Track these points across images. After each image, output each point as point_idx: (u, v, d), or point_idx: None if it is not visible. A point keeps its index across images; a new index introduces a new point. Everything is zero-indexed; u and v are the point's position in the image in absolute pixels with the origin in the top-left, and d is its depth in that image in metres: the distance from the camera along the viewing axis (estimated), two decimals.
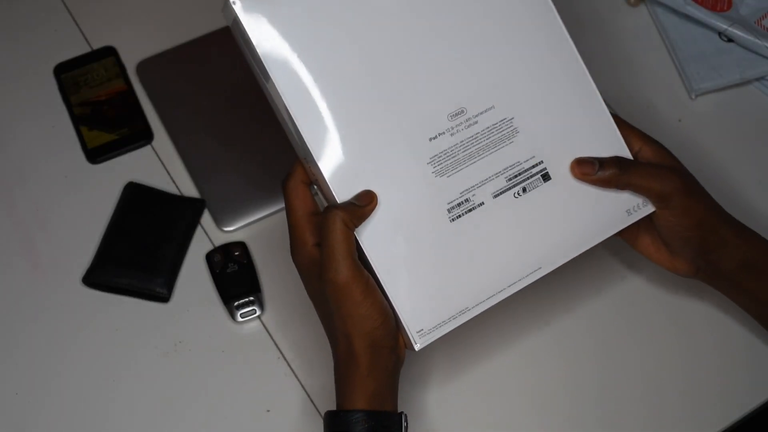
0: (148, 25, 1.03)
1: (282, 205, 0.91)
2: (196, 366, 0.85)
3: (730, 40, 1.00)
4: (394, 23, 0.73)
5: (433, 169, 0.73)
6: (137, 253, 0.89)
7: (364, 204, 0.71)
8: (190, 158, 0.95)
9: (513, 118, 0.75)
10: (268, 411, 0.84)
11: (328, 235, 0.70)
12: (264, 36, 0.71)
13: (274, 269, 0.89)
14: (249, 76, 0.98)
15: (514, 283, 0.74)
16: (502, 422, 0.83)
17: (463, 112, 0.74)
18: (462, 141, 0.74)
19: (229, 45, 1.01)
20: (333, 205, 0.71)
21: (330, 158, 0.71)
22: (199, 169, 0.94)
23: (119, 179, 0.94)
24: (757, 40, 0.97)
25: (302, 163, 0.75)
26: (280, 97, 0.71)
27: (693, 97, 0.99)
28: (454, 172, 0.73)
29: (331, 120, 0.71)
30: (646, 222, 0.78)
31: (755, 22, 0.99)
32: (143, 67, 1.00)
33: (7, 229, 0.92)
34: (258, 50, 0.72)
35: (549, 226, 0.75)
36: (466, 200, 0.74)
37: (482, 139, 0.74)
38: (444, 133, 0.73)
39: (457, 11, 0.74)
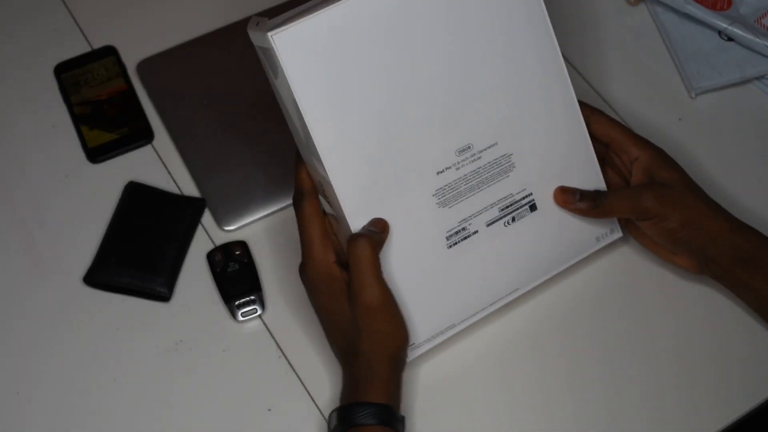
0: (148, 25, 1.03)
1: (283, 204, 0.92)
2: (196, 365, 0.85)
3: (730, 39, 1.00)
4: (415, 62, 0.76)
5: (437, 201, 0.78)
6: (138, 252, 0.89)
7: (380, 231, 0.77)
8: (191, 158, 0.95)
9: (512, 154, 0.80)
10: (269, 410, 0.84)
11: (360, 260, 0.75)
12: (297, 70, 0.72)
13: (275, 268, 0.89)
14: (249, 76, 0.99)
15: (495, 302, 0.83)
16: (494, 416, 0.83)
17: (469, 147, 0.79)
18: (465, 175, 0.79)
19: (229, 45, 1.01)
20: (358, 233, 0.76)
21: (346, 185, 0.75)
22: (199, 168, 0.94)
23: (120, 179, 0.94)
24: (757, 39, 0.98)
25: (310, 172, 0.78)
26: (306, 127, 0.74)
27: (693, 96, 0.99)
28: (455, 203, 0.79)
29: (351, 149, 0.75)
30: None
31: (755, 21, 0.99)
32: (143, 66, 1.00)
33: (7, 229, 0.92)
34: (291, 82, 0.73)
35: (529, 252, 0.83)
36: (463, 229, 0.80)
37: (483, 173, 0.80)
38: (450, 167, 0.79)
39: (471, 52, 0.77)
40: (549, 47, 0.80)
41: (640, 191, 0.81)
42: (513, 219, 0.82)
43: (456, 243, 0.80)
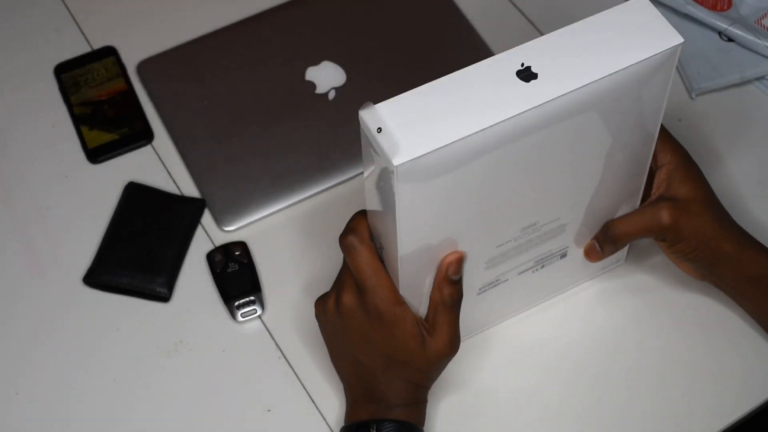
0: (148, 25, 1.03)
1: (283, 204, 0.92)
2: (196, 366, 0.85)
3: (730, 39, 1.00)
4: (514, 188, 0.71)
5: (486, 266, 0.76)
6: (138, 252, 0.89)
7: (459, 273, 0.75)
8: (191, 158, 0.95)
9: (567, 224, 0.78)
10: (269, 410, 0.84)
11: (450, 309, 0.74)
12: (408, 198, 0.65)
13: (275, 269, 0.89)
14: (249, 76, 0.99)
15: (506, 319, 0.85)
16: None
17: (534, 225, 0.76)
18: (520, 244, 0.77)
19: (229, 45, 1.01)
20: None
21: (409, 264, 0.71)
22: (199, 168, 0.94)
23: (119, 179, 0.94)
24: (757, 40, 0.97)
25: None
26: (396, 242, 0.69)
27: (693, 96, 0.99)
28: (500, 263, 0.77)
29: (429, 243, 0.71)
30: None
31: (755, 22, 0.99)
32: (143, 67, 1.00)
33: (7, 229, 0.92)
34: (397, 209, 0.66)
35: (548, 285, 0.85)
36: (497, 280, 0.79)
37: (536, 241, 0.78)
38: (511, 240, 0.76)
39: (581, 164, 0.73)
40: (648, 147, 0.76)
41: (656, 211, 0.78)
42: (542, 266, 0.81)
43: (485, 290, 0.79)
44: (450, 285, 0.73)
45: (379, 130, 0.63)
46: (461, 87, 0.64)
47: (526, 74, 0.64)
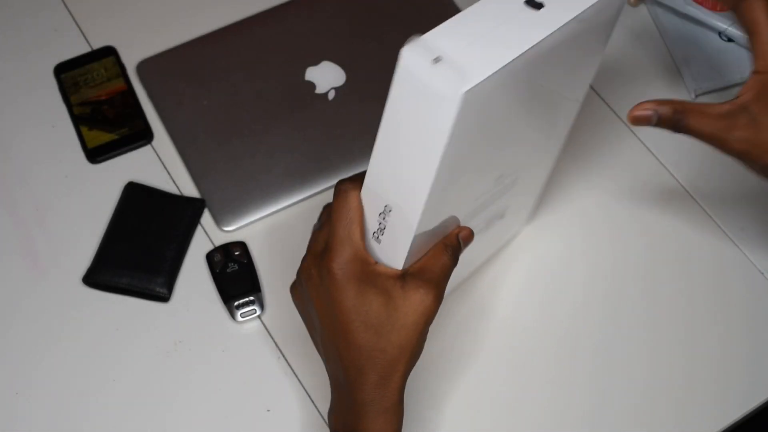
0: (148, 25, 1.03)
1: (283, 204, 0.92)
2: (196, 366, 0.85)
3: (730, 39, 1.00)
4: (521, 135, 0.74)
5: (462, 222, 0.75)
6: (137, 252, 0.89)
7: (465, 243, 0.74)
8: (190, 158, 0.95)
9: (517, 179, 0.79)
10: (268, 411, 0.84)
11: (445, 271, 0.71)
12: (461, 129, 0.62)
13: (274, 269, 0.89)
14: (249, 76, 0.99)
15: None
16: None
17: (501, 177, 0.76)
18: (486, 200, 0.76)
19: (229, 45, 1.01)
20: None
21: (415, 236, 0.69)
22: (199, 168, 0.94)
23: (119, 179, 0.94)
24: None
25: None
26: (428, 180, 0.65)
27: (693, 96, 0.99)
28: (469, 221, 0.75)
29: (445, 198, 0.69)
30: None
31: None
32: (143, 67, 1.00)
33: (7, 229, 0.92)
34: (447, 142, 0.63)
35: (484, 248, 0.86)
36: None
37: (495, 197, 0.77)
38: (485, 194, 0.75)
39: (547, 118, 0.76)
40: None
41: (733, 120, 0.72)
42: (488, 228, 0.81)
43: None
44: (452, 254, 0.71)
45: (437, 59, 0.61)
46: (481, 19, 0.63)
47: (533, 3, 0.65)
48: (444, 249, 0.71)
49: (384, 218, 0.70)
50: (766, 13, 0.73)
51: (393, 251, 0.70)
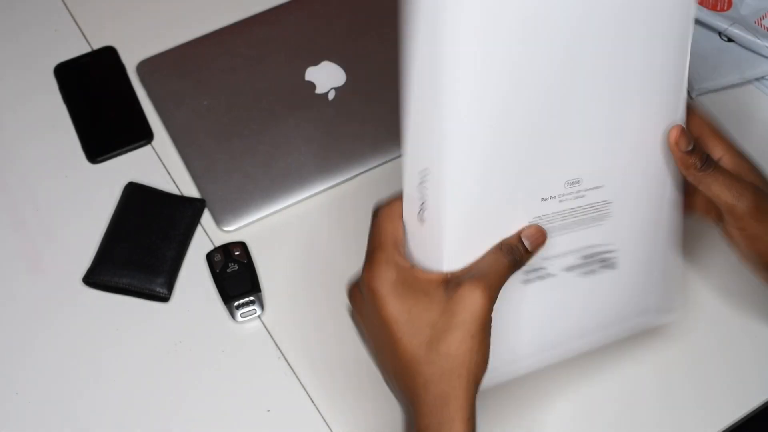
0: (148, 25, 1.03)
1: (283, 205, 0.92)
2: (196, 366, 0.85)
3: (730, 39, 1.00)
4: (553, 80, 0.68)
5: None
6: (137, 253, 0.89)
7: (533, 248, 0.71)
8: (190, 158, 0.95)
9: (612, 203, 0.74)
10: (268, 411, 0.84)
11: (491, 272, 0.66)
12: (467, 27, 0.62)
13: (275, 269, 0.90)
14: (249, 76, 0.99)
15: (569, 348, 0.76)
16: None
17: (579, 182, 0.72)
18: (565, 210, 0.73)
19: (229, 45, 1.01)
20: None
21: (458, 198, 0.67)
22: (199, 168, 0.94)
23: (119, 179, 0.94)
24: (757, 40, 0.98)
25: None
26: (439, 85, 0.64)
27: (693, 96, 0.99)
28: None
29: (476, 133, 0.66)
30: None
31: (755, 22, 0.99)
32: (143, 66, 1.00)
33: (7, 229, 0.92)
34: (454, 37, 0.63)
35: (604, 306, 0.77)
36: (542, 268, 0.74)
37: (580, 214, 0.74)
38: (555, 197, 0.71)
39: (606, 91, 0.70)
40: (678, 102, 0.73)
41: (744, 189, 0.71)
42: (592, 272, 0.75)
43: (531, 281, 0.74)
44: (508, 252, 0.66)
45: None
46: None
47: None
48: (499, 246, 0.66)
49: (424, 187, 0.67)
50: (726, 186, 0.72)
51: (438, 230, 0.66)
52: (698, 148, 0.71)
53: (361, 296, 0.68)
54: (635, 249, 0.76)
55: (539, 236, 0.68)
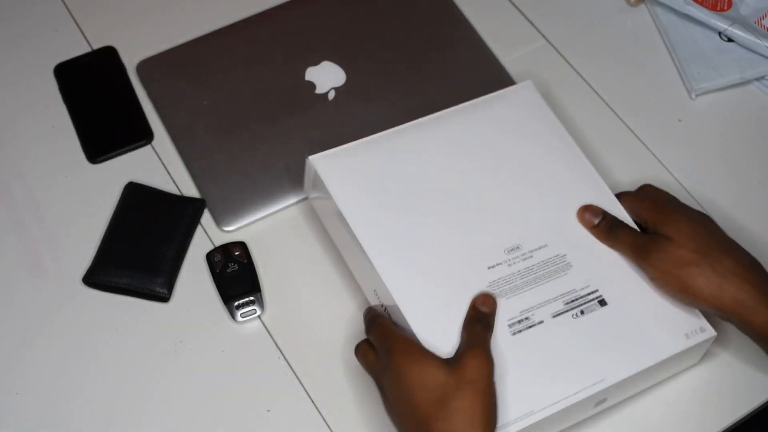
0: (148, 25, 1.03)
1: (282, 205, 0.92)
2: (196, 366, 0.85)
3: (730, 39, 1.00)
4: (453, 176, 0.84)
5: (494, 292, 0.79)
6: (137, 253, 0.89)
7: (490, 312, 0.78)
8: (190, 158, 0.95)
9: (566, 255, 0.81)
10: (268, 411, 0.84)
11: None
12: (339, 188, 0.82)
13: (274, 269, 0.89)
14: (249, 76, 0.99)
15: (579, 391, 0.77)
16: None
17: (518, 247, 0.81)
18: (519, 271, 0.80)
19: (229, 45, 1.01)
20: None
21: (402, 288, 0.78)
22: (199, 168, 0.94)
23: (119, 179, 0.94)
24: (757, 40, 0.97)
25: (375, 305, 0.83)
26: (361, 247, 0.80)
27: (693, 97, 0.99)
28: (512, 295, 0.79)
29: (404, 257, 0.80)
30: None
31: (755, 22, 0.99)
32: (143, 66, 1.00)
33: (7, 229, 0.92)
34: (336, 202, 0.81)
35: (607, 345, 0.79)
36: (526, 318, 0.79)
37: (538, 270, 0.81)
38: (501, 263, 0.80)
39: (508, 167, 0.85)
40: (571, 150, 0.87)
41: (659, 246, 0.78)
42: (582, 312, 0.79)
43: (520, 331, 0.78)
44: (478, 322, 0.75)
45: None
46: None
47: None
48: (468, 321, 0.76)
49: (380, 301, 0.81)
50: (633, 244, 0.81)
51: (408, 329, 0.77)
52: (606, 218, 0.82)
53: (374, 354, 0.77)
54: (617, 283, 0.81)
55: (488, 298, 0.78)
